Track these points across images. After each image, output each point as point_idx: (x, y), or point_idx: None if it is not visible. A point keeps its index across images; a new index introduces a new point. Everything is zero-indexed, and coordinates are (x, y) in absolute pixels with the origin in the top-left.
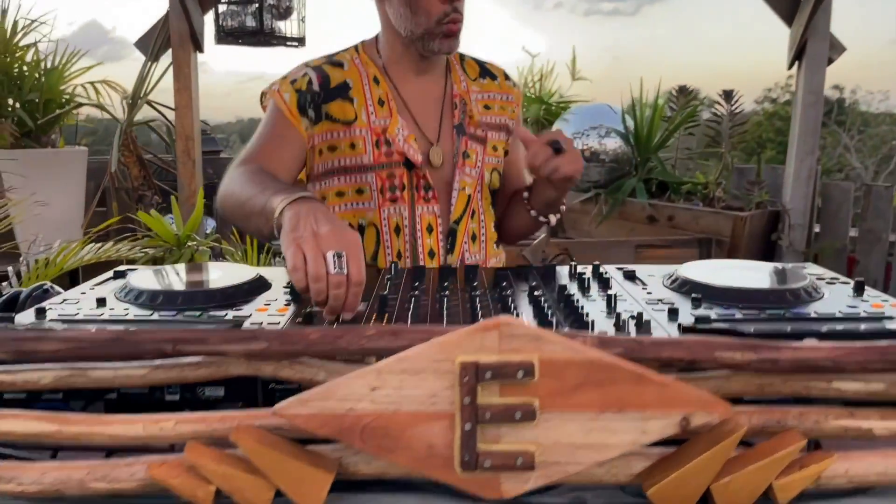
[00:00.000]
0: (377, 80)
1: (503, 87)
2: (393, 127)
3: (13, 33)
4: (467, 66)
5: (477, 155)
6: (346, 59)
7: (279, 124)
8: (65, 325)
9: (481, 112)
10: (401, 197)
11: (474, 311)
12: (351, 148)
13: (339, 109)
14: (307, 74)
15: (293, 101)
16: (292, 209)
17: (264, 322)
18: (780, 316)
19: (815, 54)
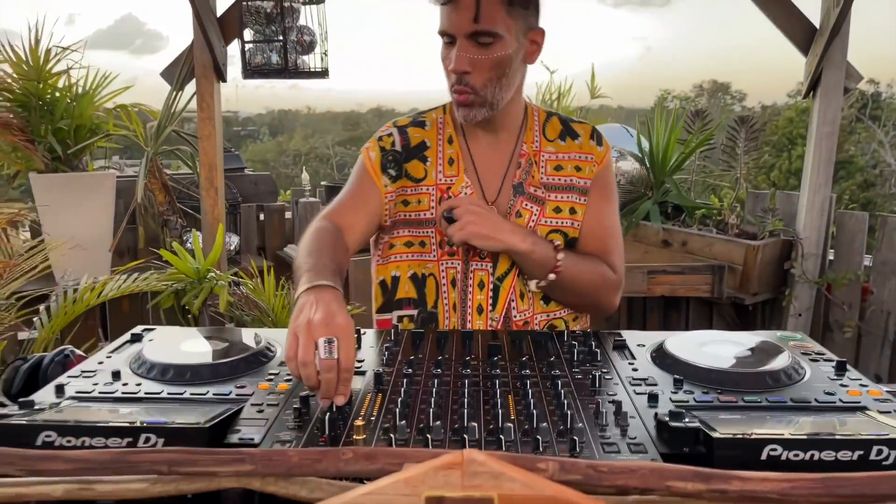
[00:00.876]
0: (451, 140)
1: (584, 148)
2: (457, 185)
3: (46, 61)
4: (549, 125)
5: (531, 215)
6: (430, 118)
7: (363, 179)
8: (81, 402)
9: (550, 173)
10: (458, 252)
11: (462, 396)
12: (418, 203)
13: (414, 168)
14: (392, 135)
15: (377, 160)
16: (304, 297)
17: (264, 403)
18: (757, 404)
19: (830, 84)
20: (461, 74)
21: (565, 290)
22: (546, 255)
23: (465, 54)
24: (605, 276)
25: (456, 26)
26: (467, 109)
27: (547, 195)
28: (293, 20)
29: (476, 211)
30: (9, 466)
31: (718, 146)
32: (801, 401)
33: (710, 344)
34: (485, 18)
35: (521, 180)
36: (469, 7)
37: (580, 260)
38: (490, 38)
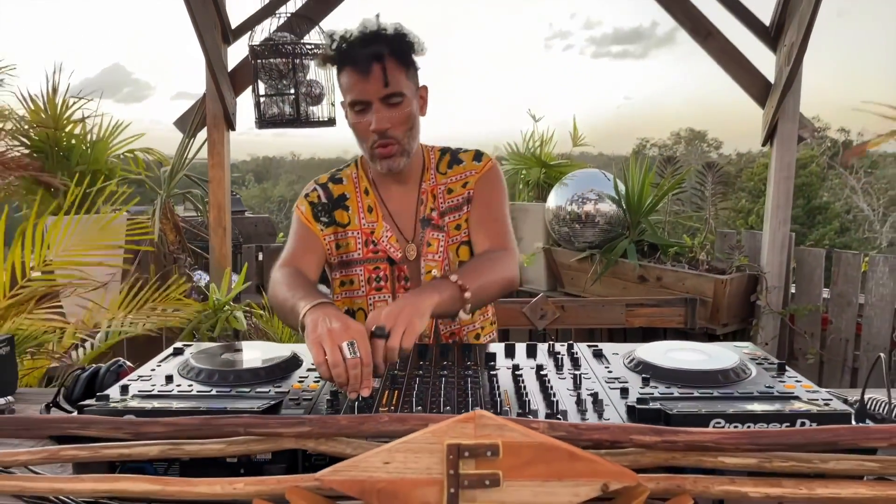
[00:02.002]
0: (367, 192)
1: (468, 167)
2: (378, 230)
3: (63, 109)
4: (442, 161)
5: (438, 242)
6: (346, 174)
7: (302, 230)
8: (144, 400)
9: (445, 198)
10: (385, 287)
11: (466, 391)
12: (346, 246)
13: (340, 216)
14: (316, 190)
15: (308, 212)
16: (312, 314)
17: (301, 398)
18: (709, 395)
19: (785, 134)
20: (384, 131)
21: (483, 299)
22: (451, 289)
23: (382, 114)
24: (501, 264)
25: (370, 93)
26: (390, 160)
27: (445, 219)
28: (304, 74)
29: (396, 312)
30: (118, 431)
31: (689, 189)
32: (745, 393)
33: (674, 351)
34: (392, 82)
35: (425, 214)
36: (378, 77)
37: (475, 268)
38: (398, 97)
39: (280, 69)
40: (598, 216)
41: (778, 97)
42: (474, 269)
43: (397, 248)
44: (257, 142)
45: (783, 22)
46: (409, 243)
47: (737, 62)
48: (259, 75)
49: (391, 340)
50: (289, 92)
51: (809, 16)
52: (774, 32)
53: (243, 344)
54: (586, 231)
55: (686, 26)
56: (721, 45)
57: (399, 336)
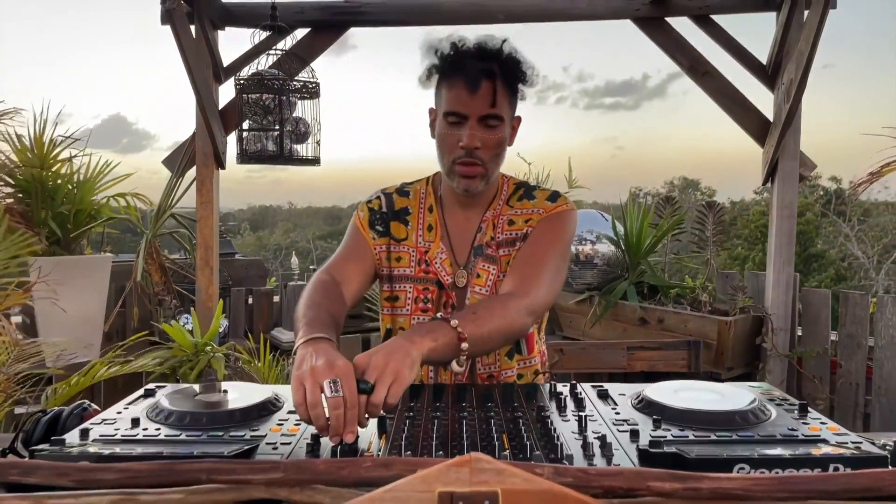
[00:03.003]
0: (431, 210)
1: (538, 204)
2: (433, 250)
3: (50, 148)
4: (516, 194)
5: (489, 275)
6: (414, 188)
7: (355, 235)
8: (105, 445)
9: (505, 229)
10: (431, 309)
11: (460, 434)
12: (397, 261)
13: (397, 229)
14: (379, 198)
15: (366, 218)
16: (303, 349)
17: (278, 442)
18: (728, 438)
19: (786, 172)
20: (472, 150)
21: (482, 349)
22: (447, 335)
23: (476, 133)
24: (507, 311)
25: (473, 109)
26: (470, 181)
27: (500, 252)
28: (290, 111)
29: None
30: (64, 478)
31: (689, 230)
32: (768, 435)
33: (685, 391)
34: (497, 104)
35: (482, 243)
36: (487, 94)
37: (478, 314)
38: (497, 121)
39: (266, 105)
40: (596, 257)
41: (778, 135)
42: (477, 316)
43: (448, 273)
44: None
45: (780, 60)
46: (461, 269)
47: (735, 101)
48: (244, 110)
49: (375, 395)
50: (273, 128)
51: (808, 53)
52: (772, 70)
53: (221, 384)
54: (585, 272)
55: (683, 66)
56: (718, 83)
57: (385, 390)
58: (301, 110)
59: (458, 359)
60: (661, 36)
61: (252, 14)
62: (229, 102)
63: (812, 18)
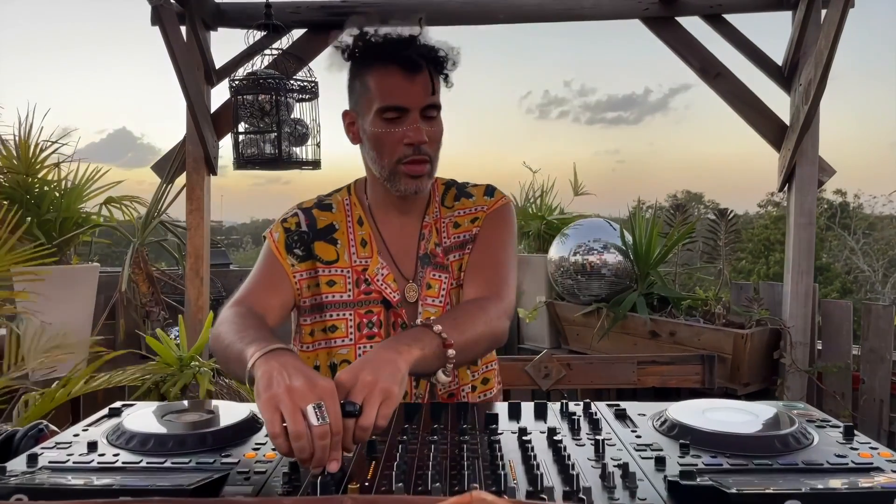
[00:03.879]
0: (361, 222)
1: (478, 202)
2: (372, 267)
3: (35, 154)
4: (448, 194)
5: (440, 284)
6: (336, 200)
7: (269, 263)
8: (53, 473)
9: (451, 233)
10: (378, 334)
11: (460, 461)
12: (328, 286)
13: (323, 250)
14: (297, 215)
15: (281, 241)
16: (264, 364)
17: (251, 471)
18: (768, 466)
19: (804, 178)
20: (419, 145)
21: (467, 357)
22: (433, 343)
23: (422, 126)
24: (487, 315)
25: (413, 99)
26: (418, 181)
27: (449, 258)
28: (287, 113)
29: (370, 381)
30: None
31: (699, 239)
32: (813, 463)
33: (713, 411)
34: (437, 93)
35: (426, 251)
36: (425, 83)
37: (459, 319)
38: (436, 111)
39: (263, 107)
40: (604, 267)
41: (795, 139)
42: (458, 322)
43: (394, 289)
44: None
45: (797, 60)
46: (410, 283)
47: (749, 103)
48: (239, 112)
49: (364, 418)
50: (271, 130)
51: (828, 52)
52: (788, 72)
53: (196, 403)
54: (592, 283)
55: (694, 67)
56: (732, 85)
57: (374, 412)
58: (300, 111)
59: (444, 368)
60: (670, 36)
61: (246, 14)
62: (222, 106)
63: (831, 16)
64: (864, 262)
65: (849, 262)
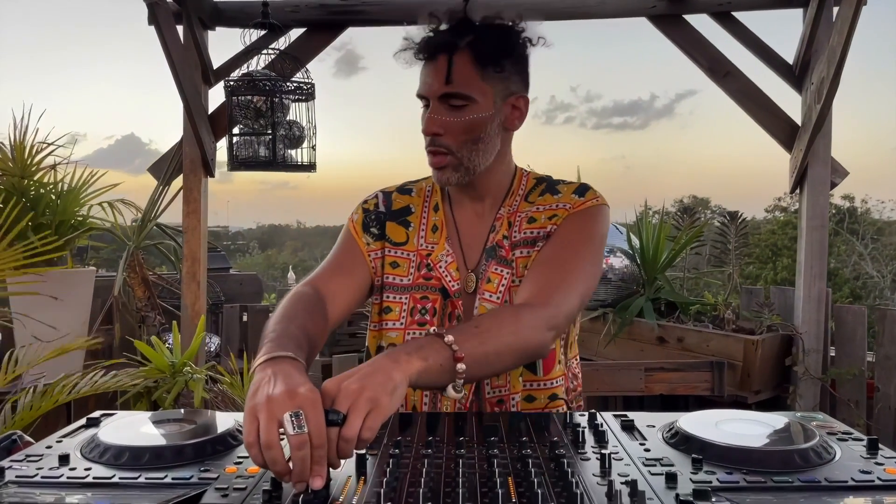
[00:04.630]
0: (437, 208)
1: (564, 199)
2: (437, 253)
3: (31, 156)
4: (536, 189)
5: (501, 279)
6: (419, 186)
7: (347, 242)
8: (20, 489)
9: (524, 228)
10: (431, 322)
11: (455, 477)
12: (392, 267)
13: (394, 231)
14: (377, 196)
15: (359, 221)
16: (260, 372)
17: (230, 487)
18: (789, 484)
19: (817, 179)
20: (433, 136)
21: (485, 372)
22: (440, 354)
23: (436, 116)
24: (519, 325)
25: (430, 88)
26: (440, 172)
27: (515, 253)
28: (283, 115)
29: (357, 388)
30: None
31: (708, 242)
32: (837, 481)
33: (727, 422)
34: (456, 81)
35: (493, 243)
36: (441, 70)
37: (481, 328)
38: (462, 100)
39: (258, 108)
40: (610, 272)
41: (807, 139)
42: (480, 330)
43: (455, 279)
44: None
45: (808, 59)
46: (470, 273)
47: (759, 103)
48: (234, 113)
49: (348, 428)
50: (266, 132)
51: (841, 49)
52: (799, 70)
53: (178, 413)
54: (597, 288)
55: (703, 66)
56: (741, 84)
57: (359, 421)
58: (295, 113)
59: (454, 384)
60: (678, 34)
61: (244, 13)
62: (220, 106)
63: (844, 12)
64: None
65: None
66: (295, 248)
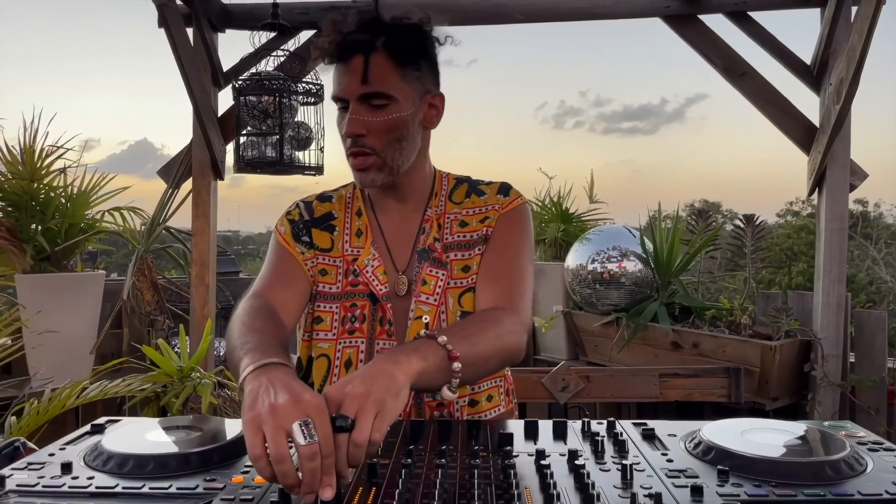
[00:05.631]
0: (360, 213)
1: (491, 200)
2: (363, 258)
3: (40, 159)
4: (458, 190)
5: (437, 280)
6: (338, 193)
7: (280, 255)
8: (21, 498)
9: (455, 231)
10: (360, 329)
11: (471, 488)
12: (321, 275)
13: (319, 237)
14: (298, 206)
15: (288, 232)
16: (253, 381)
17: (237, 497)
18: (821, 498)
19: (836, 181)
20: (356, 137)
21: (474, 373)
22: (437, 355)
23: (357, 117)
24: (501, 328)
25: (347, 89)
26: (364, 174)
27: (451, 255)
28: (291, 116)
29: (362, 392)
30: None
31: (723, 245)
32: (871, 494)
33: (752, 432)
34: (374, 80)
35: (425, 245)
36: (358, 69)
37: (469, 331)
38: (383, 100)
39: (265, 109)
40: (623, 276)
41: (826, 141)
42: (468, 333)
43: (382, 282)
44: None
45: (827, 59)
46: (400, 275)
47: (776, 104)
48: (241, 113)
49: (358, 433)
50: (273, 133)
51: (861, 48)
52: (817, 70)
53: (185, 420)
54: (611, 292)
55: (718, 67)
56: (758, 85)
57: (368, 426)
58: (304, 115)
59: (449, 384)
60: (693, 34)
61: (254, 15)
62: (229, 109)
63: (864, 11)
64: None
65: (871, 273)
66: None
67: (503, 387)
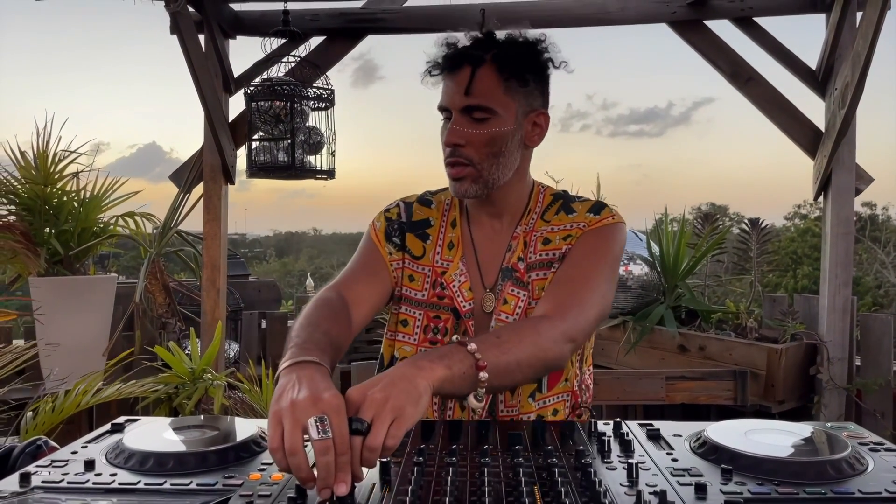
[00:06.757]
0: (454, 224)
1: (578, 218)
2: (451, 272)
3: (54, 164)
4: (553, 207)
5: (517, 300)
6: (438, 199)
7: (368, 251)
8: (46, 494)
9: (539, 249)
10: (441, 341)
11: (481, 486)
12: (409, 280)
13: (412, 243)
14: (398, 206)
15: (382, 229)
16: (285, 376)
17: (255, 494)
18: (822, 496)
19: (842, 186)
20: (454, 147)
21: (504, 383)
22: (464, 364)
23: (458, 128)
24: (538, 337)
25: (452, 100)
26: (459, 183)
27: (532, 275)
28: (302, 121)
29: (381, 398)
30: None
31: (730, 250)
32: (872, 493)
33: (756, 432)
34: (477, 93)
35: (510, 264)
36: (463, 81)
37: (502, 339)
38: (484, 113)
39: (277, 113)
40: (629, 279)
41: (831, 145)
42: (501, 341)
43: (467, 299)
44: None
45: (832, 64)
46: (488, 292)
47: (782, 109)
48: (253, 119)
49: (373, 438)
50: (285, 138)
51: (866, 53)
52: (823, 75)
53: (201, 419)
54: (617, 296)
55: (724, 72)
56: (764, 91)
57: (384, 430)
58: (315, 120)
59: (476, 392)
60: (699, 40)
61: (265, 22)
62: (240, 114)
63: (869, 16)
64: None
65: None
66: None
67: (569, 401)
